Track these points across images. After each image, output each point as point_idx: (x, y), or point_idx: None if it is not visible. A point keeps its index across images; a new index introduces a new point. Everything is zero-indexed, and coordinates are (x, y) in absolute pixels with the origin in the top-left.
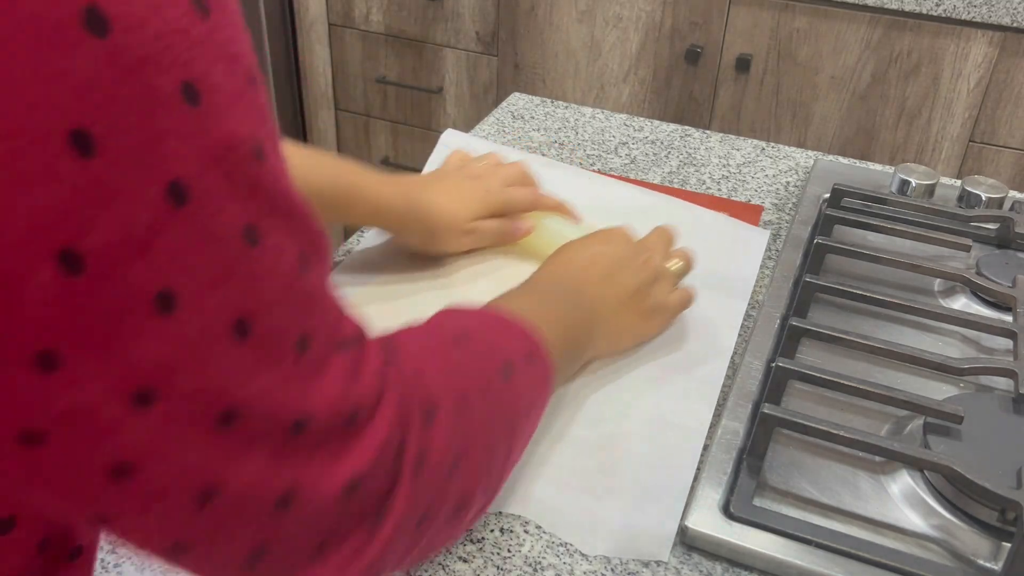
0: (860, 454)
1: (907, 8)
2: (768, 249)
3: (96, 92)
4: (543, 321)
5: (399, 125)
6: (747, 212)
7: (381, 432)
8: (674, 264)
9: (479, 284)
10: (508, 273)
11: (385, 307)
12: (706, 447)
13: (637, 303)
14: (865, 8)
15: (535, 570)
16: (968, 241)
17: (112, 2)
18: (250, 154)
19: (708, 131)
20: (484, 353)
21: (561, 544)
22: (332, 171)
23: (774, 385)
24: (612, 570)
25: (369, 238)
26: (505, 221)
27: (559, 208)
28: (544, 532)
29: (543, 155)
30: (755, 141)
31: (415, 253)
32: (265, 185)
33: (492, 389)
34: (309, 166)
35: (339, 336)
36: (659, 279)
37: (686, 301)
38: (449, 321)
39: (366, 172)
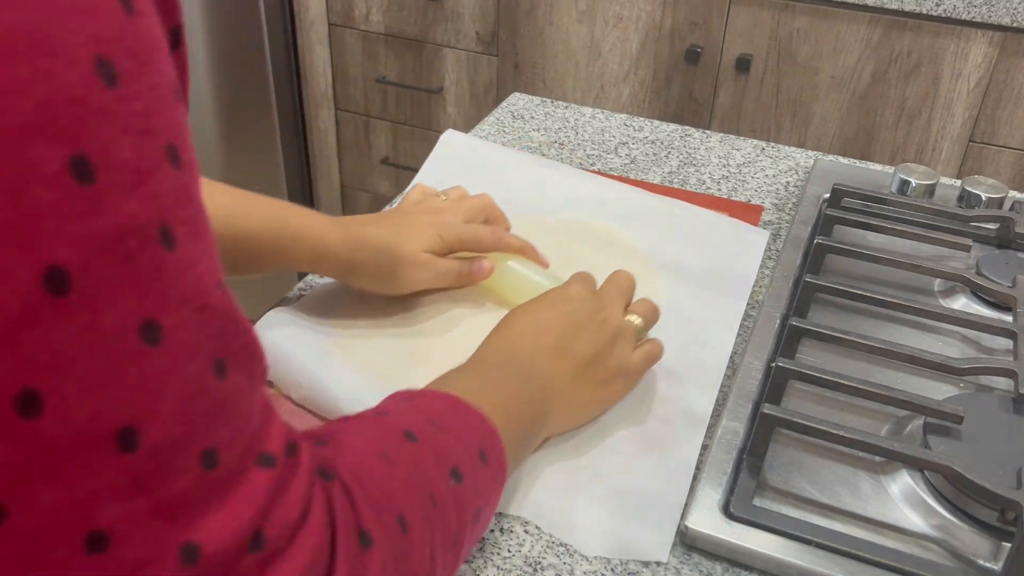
0: (860, 454)
1: (907, 8)
2: (768, 249)
3: None
4: (493, 407)
5: (399, 125)
6: (747, 212)
7: (299, 562)
8: (635, 319)
9: (447, 333)
10: (472, 323)
11: (348, 355)
12: (706, 447)
13: (595, 371)
14: (865, 8)
15: (535, 570)
16: (968, 241)
17: None
18: (156, 241)
19: (708, 131)
20: (434, 455)
21: (561, 544)
22: (269, 213)
23: (774, 385)
24: (612, 570)
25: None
26: (464, 261)
27: (524, 250)
28: (544, 532)
29: (543, 155)
30: (755, 141)
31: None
32: (173, 277)
33: (438, 502)
34: (242, 208)
35: (260, 450)
36: (619, 338)
37: (652, 357)
38: (398, 412)
39: (308, 213)
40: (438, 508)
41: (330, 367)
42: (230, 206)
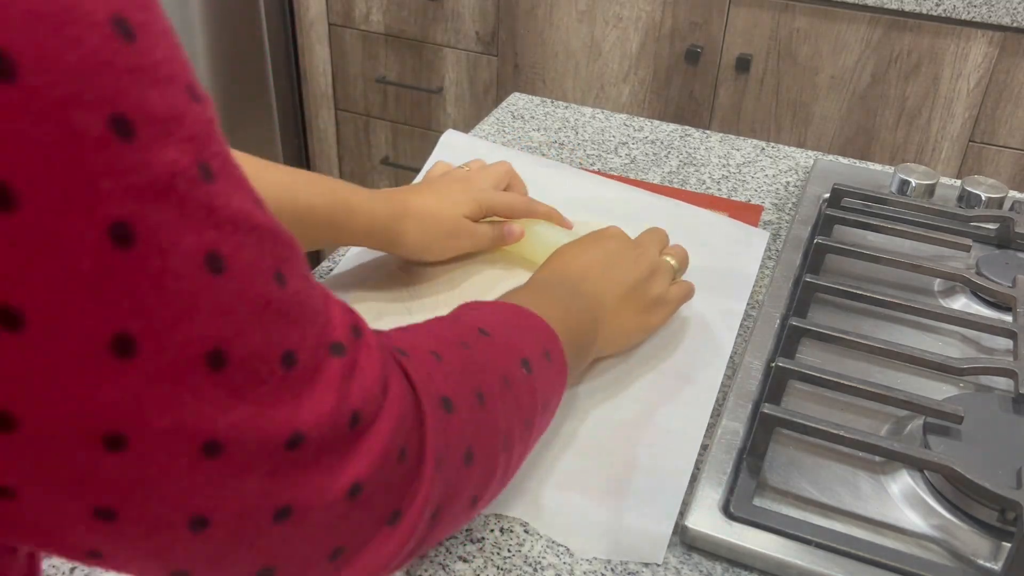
0: (860, 454)
1: (907, 8)
2: (768, 249)
3: (11, 141)
4: (551, 318)
5: (399, 125)
6: (747, 212)
7: (384, 432)
8: (670, 259)
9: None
10: (502, 286)
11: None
12: (706, 447)
13: (638, 297)
14: (865, 8)
15: (535, 570)
16: (968, 241)
17: (15, 42)
18: (199, 178)
19: (708, 131)
20: (505, 347)
21: (561, 544)
22: (323, 189)
23: (774, 385)
24: (612, 570)
25: (343, 264)
26: (496, 225)
27: (550, 214)
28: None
29: (543, 155)
30: (755, 141)
31: (393, 273)
32: (221, 206)
33: (511, 384)
34: (301, 184)
35: (330, 341)
36: (656, 273)
37: (687, 293)
38: (470, 314)
39: (356, 188)
40: (512, 389)
41: None
42: (285, 180)
